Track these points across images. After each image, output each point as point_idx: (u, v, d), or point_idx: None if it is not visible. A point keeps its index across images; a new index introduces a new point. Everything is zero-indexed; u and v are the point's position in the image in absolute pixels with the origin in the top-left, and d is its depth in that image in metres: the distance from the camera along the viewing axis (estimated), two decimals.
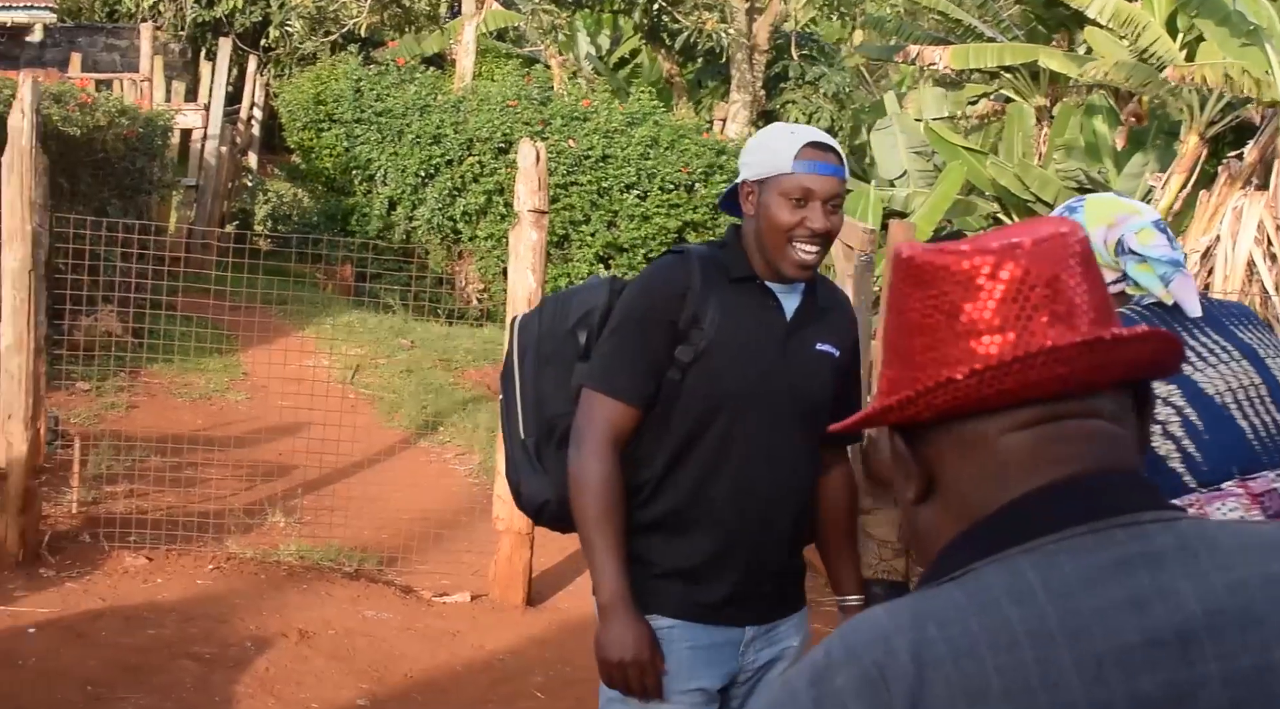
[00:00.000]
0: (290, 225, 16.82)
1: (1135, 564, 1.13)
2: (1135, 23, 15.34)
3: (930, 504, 1.24)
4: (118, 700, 5.21)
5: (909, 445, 1.25)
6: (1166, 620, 1.11)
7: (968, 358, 1.18)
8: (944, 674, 1.08)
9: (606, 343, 2.97)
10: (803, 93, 20.25)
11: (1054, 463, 1.18)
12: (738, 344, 2.92)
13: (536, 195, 6.47)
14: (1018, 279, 1.18)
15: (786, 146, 2.90)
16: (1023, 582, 1.12)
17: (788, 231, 2.87)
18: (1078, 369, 1.16)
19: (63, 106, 10.58)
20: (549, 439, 3.08)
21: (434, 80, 16.79)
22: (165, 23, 21.91)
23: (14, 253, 6.38)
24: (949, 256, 1.20)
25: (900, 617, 1.13)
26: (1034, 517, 1.16)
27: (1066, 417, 1.19)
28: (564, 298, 3.17)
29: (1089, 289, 1.19)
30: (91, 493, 7.40)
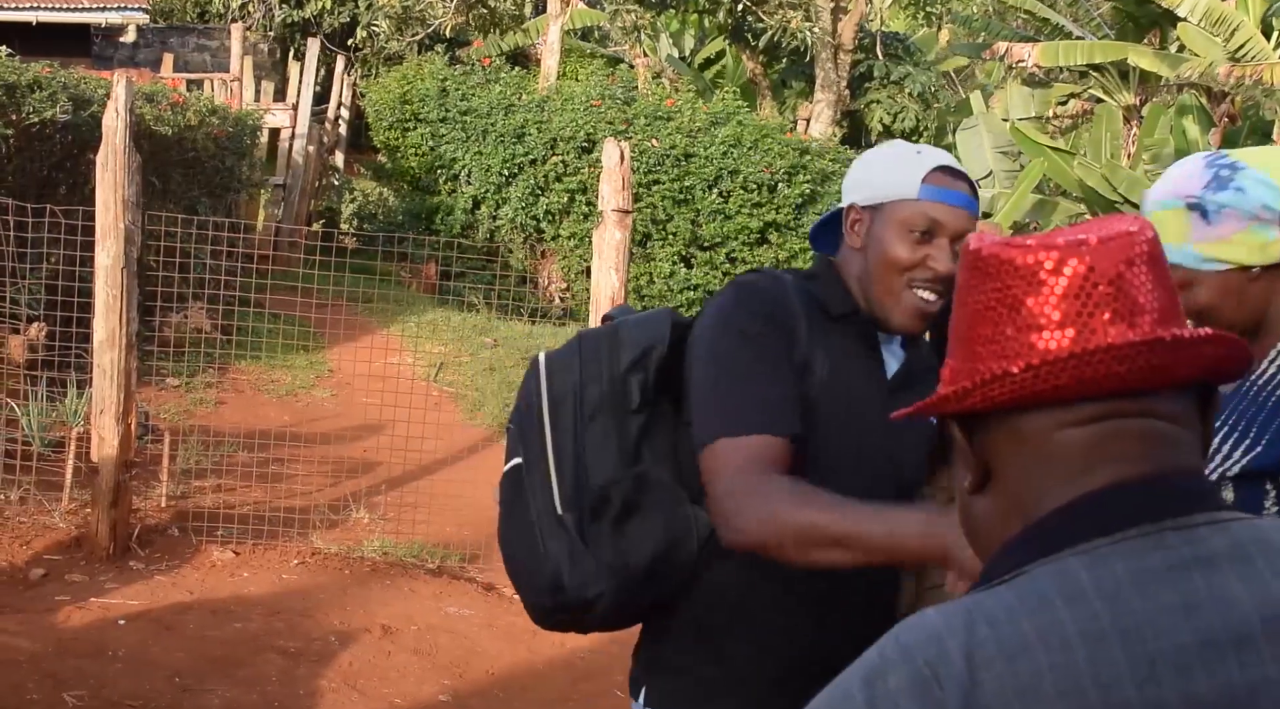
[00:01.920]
0: (376, 224, 16.96)
1: (1188, 567, 1.12)
2: (1228, 22, 15.09)
3: (986, 495, 1.24)
4: (204, 692, 5.27)
5: (967, 435, 1.25)
6: (1220, 623, 1.10)
7: (1026, 352, 1.18)
8: (996, 674, 1.08)
9: (715, 381, 2.29)
10: (888, 92, 20.11)
11: (1109, 462, 1.18)
12: (844, 399, 2.35)
13: (620, 195, 6.48)
14: (1081, 275, 1.17)
15: (913, 168, 2.36)
16: (1075, 583, 1.12)
17: (906, 271, 2.33)
18: (1136, 368, 1.16)
19: (155, 106, 10.74)
20: (600, 515, 2.37)
21: (518, 80, 16.87)
22: (255, 23, 22.18)
23: (107, 250, 6.48)
24: (1014, 250, 1.20)
25: (953, 617, 1.13)
26: (1087, 519, 1.16)
27: (1123, 415, 1.18)
28: (610, 334, 2.48)
29: (1154, 288, 1.18)
30: (180, 487, 7.50)
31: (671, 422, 2.43)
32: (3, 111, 8.90)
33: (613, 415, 2.41)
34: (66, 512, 6.88)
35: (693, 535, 2.35)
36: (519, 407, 2.50)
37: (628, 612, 2.43)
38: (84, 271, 7.52)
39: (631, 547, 2.35)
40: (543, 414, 2.45)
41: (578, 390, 2.43)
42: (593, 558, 2.35)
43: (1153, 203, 2.34)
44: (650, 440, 2.41)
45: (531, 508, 2.41)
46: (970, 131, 19.08)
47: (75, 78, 10.10)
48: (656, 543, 2.35)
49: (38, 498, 6.96)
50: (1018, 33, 19.85)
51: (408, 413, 7.89)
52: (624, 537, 2.35)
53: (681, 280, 14.96)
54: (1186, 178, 2.31)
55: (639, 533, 2.35)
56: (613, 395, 2.42)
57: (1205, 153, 2.38)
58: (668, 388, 2.43)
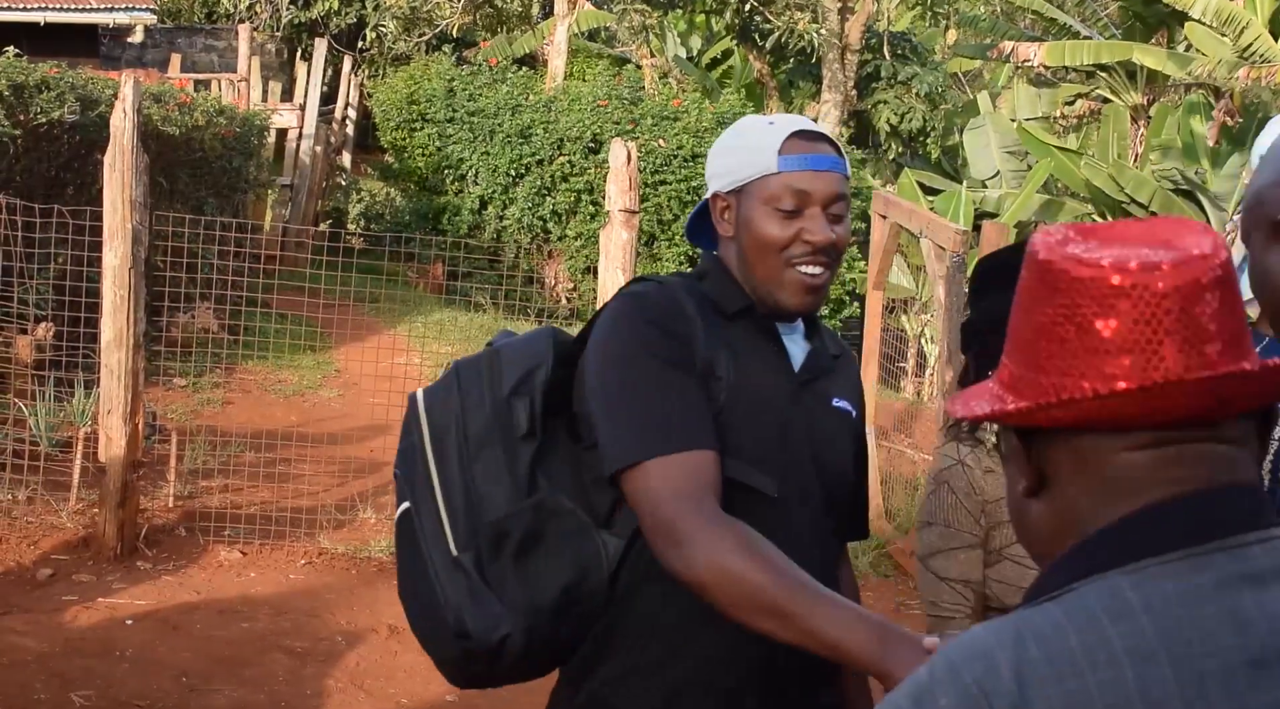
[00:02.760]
0: (383, 224, 16.98)
1: (1237, 585, 1.12)
2: (1236, 21, 15.07)
3: (1040, 501, 1.24)
4: (211, 692, 5.28)
5: (1024, 441, 1.24)
6: (1271, 641, 1.09)
7: (1094, 376, 1.16)
8: (1046, 693, 1.08)
9: (622, 397, 2.12)
10: (895, 93, 20.09)
11: (1166, 483, 1.17)
12: (754, 399, 2.19)
13: (627, 195, 6.48)
14: (1153, 301, 1.15)
15: (767, 141, 2.21)
16: (1122, 600, 1.12)
17: (782, 249, 2.19)
18: (1205, 401, 1.15)
19: (162, 106, 10.75)
20: (499, 551, 2.19)
21: (525, 80, 16.88)
22: (262, 24, 22.21)
23: (115, 250, 6.49)
24: (1086, 268, 1.17)
25: (1002, 634, 1.13)
26: (1136, 538, 1.16)
27: (1187, 442, 1.18)
28: (489, 359, 2.31)
29: (1224, 316, 1.16)
30: (187, 487, 7.51)
31: (566, 446, 2.25)
32: (10, 112, 8.91)
33: (501, 443, 2.23)
34: (74, 511, 6.89)
35: (602, 564, 2.18)
36: (401, 449, 2.32)
37: (541, 654, 2.25)
38: (91, 272, 7.53)
39: (537, 581, 2.17)
40: (426, 451, 2.27)
41: (460, 421, 2.26)
42: (496, 598, 2.18)
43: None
44: (545, 466, 2.23)
45: (424, 553, 2.23)
46: (977, 132, 19.07)
47: (83, 78, 10.11)
48: (564, 575, 2.17)
49: (45, 498, 6.97)
50: (1025, 33, 19.83)
51: None
52: (528, 571, 2.18)
53: None
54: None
55: (544, 566, 2.18)
56: (498, 422, 2.24)
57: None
58: (558, 410, 2.27)
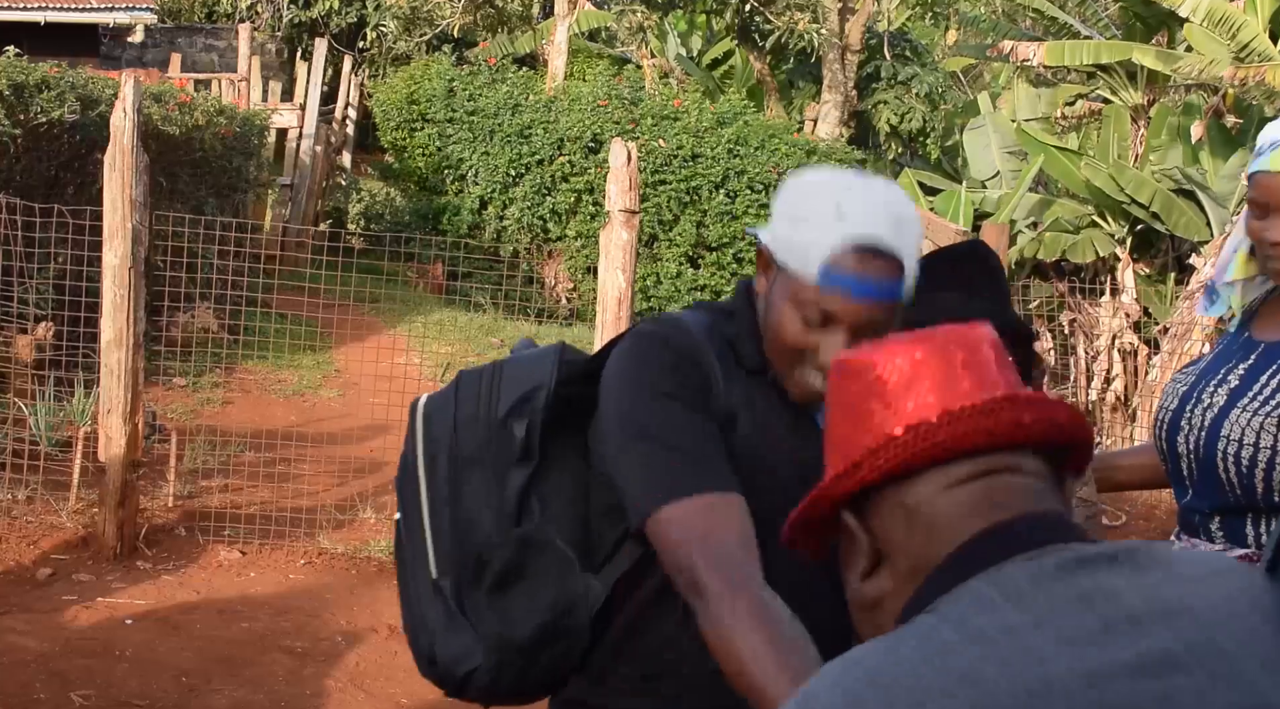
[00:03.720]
0: (383, 224, 16.98)
1: (1072, 567, 1.22)
2: (1232, 21, 15.07)
3: (877, 575, 1.33)
4: (211, 692, 5.28)
5: (860, 522, 1.33)
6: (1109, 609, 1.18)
7: (903, 419, 1.28)
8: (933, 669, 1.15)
9: (637, 457, 1.97)
10: (895, 93, 20.09)
11: (988, 512, 1.27)
12: (771, 456, 2.03)
13: (627, 195, 6.48)
14: (938, 352, 1.30)
15: (823, 242, 1.92)
16: (981, 596, 1.21)
17: (795, 350, 2.00)
18: (1001, 422, 1.27)
19: (163, 106, 10.75)
20: (477, 580, 2.10)
21: (525, 80, 16.89)
22: (262, 23, 22.22)
23: (115, 250, 6.49)
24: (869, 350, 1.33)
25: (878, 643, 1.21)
26: (977, 556, 1.25)
27: (996, 472, 1.28)
28: (490, 374, 2.19)
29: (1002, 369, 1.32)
30: (187, 487, 7.52)
31: (575, 471, 2.11)
32: (11, 111, 8.91)
33: (493, 466, 2.11)
34: (74, 511, 6.89)
35: (583, 608, 2.06)
36: (402, 456, 2.23)
37: (511, 689, 2.14)
38: (91, 271, 7.53)
39: (513, 618, 2.07)
40: (417, 466, 2.17)
41: (453, 438, 2.15)
42: (471, 628, 2.10)
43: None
44: (542, 491, 2.10)
45: (409, 569, 2.18)
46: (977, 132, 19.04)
47: (83, 78, 10.11)
48: (540, 614, 2.06)
49: (45, 497, 6.98)
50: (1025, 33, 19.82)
51: None
52: (505, 606, 2.08)
53: (689, 281, 14.97)
54: None
55: (522, 603, 2.07)
56: (492, 443, 2.12)
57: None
58: (574, 428, 2.12)
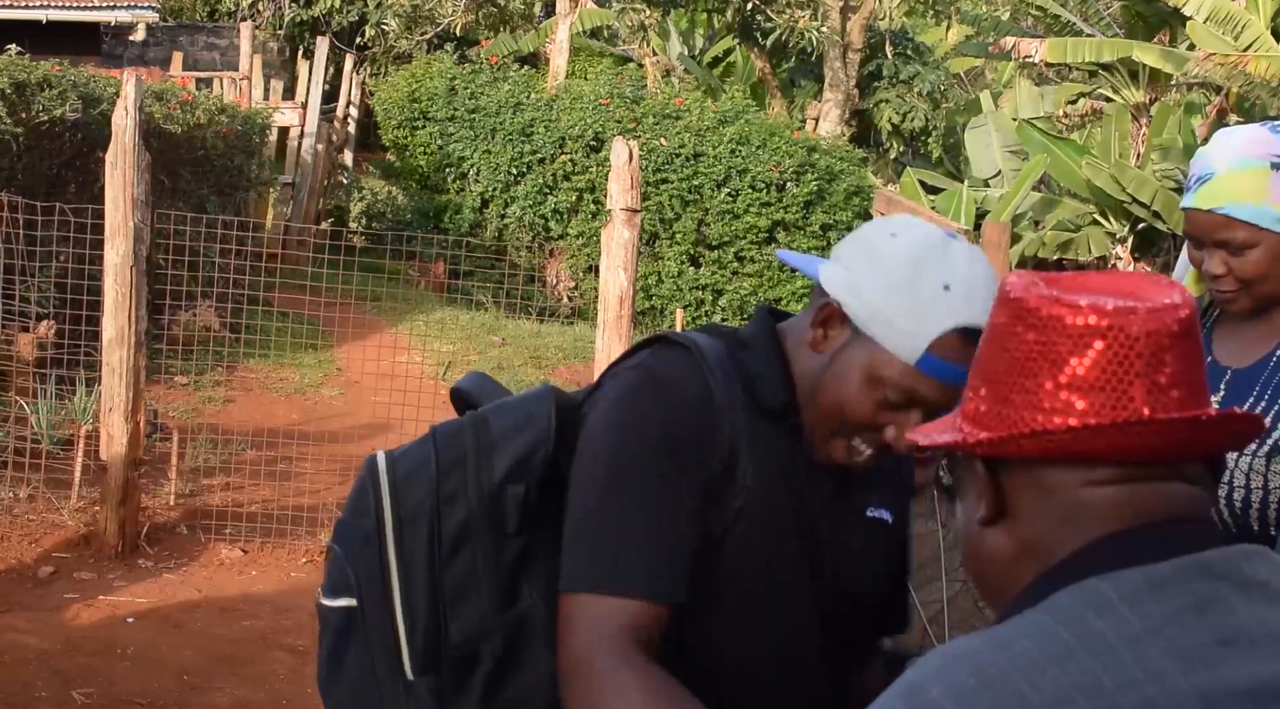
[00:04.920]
0: (384, 222, 16.98)
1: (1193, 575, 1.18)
2: (1235, 20, 15.07)
3: (998, 529, 1.27)
4: (213, 690, 5.28)
5: (988, 468, 1.27)
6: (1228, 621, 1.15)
7: (1064, 411, 1.21)
8: (1050, 677, 1.11)
9: (598, 512, 1.77)
10: (896, 92, 20.10)
11: (1130, 516, 1.22)
12: (777, 509, 1.86)
13: (629, 194, 6.48)
14: (1126, 343, 1.20)
15: (927, 322, 1.77)
16: (1099, 596, 1.16)
17: (853, 425, 1.84)
18: (1171, 442, 1.20)
19: (164, 104, 10.75)
20: (464, 680, 1.81)
21: (527, 78, 16.89)
22: (264, 22, 22.20)
23: (116, 248, 6.49)
24: (1064, 308, 1.22)
25: (989, 636, 1.17)
26: (1103, 558, 1.20)
27: (1149, 479, 1.22)
28: (475, 430, 1.87)
29: (1189, 365, 1.22)
30: (189, 485, 7.52)
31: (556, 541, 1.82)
32: (12, 110, 8.91)
33: (482, 542, 1.81)
34: (75, 509, 6.89)
35: None
36: (345, 522, 1.90)
37: None
38: (93, 270, 7.53)
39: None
40: (386, 542, 1.83)
41: (433, 512, 1.82)
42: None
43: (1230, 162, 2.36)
44: (531, 569, 1.83)
45: (367, 666, 1.84)
46: (979, 130, 19.07)
47: (85, 76, 10.11)
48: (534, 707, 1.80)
49: (47, 496, 6.98)
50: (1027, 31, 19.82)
51: (416, 411, 7.89)
52: (498, 705, 1.81)
53: (690, 280, 14.97)
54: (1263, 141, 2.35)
55: (514, 699, 1.81)
56: (484, 517, 1.81)
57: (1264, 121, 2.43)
58: (554, 498, 1.84)
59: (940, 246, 1.80)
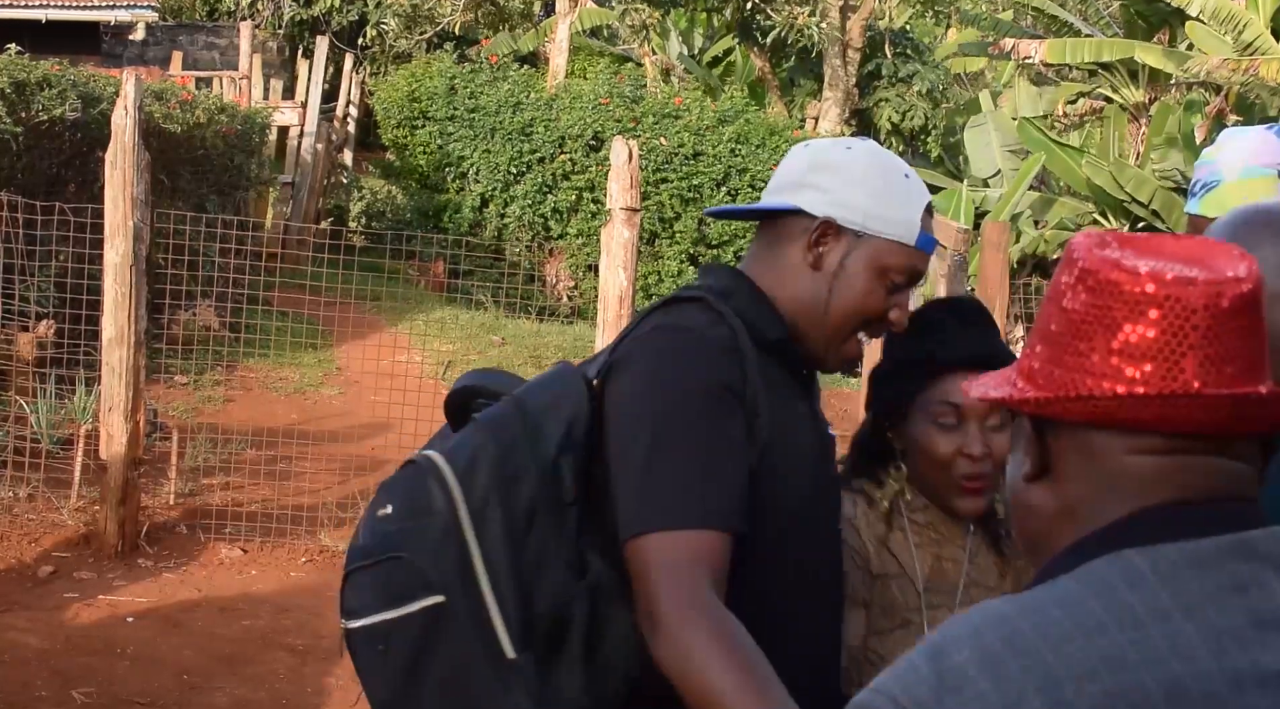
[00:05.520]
0: (384, 222, 16.98)
1: (1233, 555, 1.17)
2: (1236, 20, 15.07)
3: (1041, 486, 1.27)
4: (213, 690, 5.29)
5: (1035, 425, 1.27)
6: (1265, 605, 1.14)
7: (1115, 377, 1.20)
8: (1077, 647, 1.11)
9: (652, 461, 1.86)
10: (896, 91, 20.10)
11: (1173, 488, 1.21)
12: (792, 441, 2.00)
13: (629, 193, 6.48)
14: (1183, 314, 1.18)
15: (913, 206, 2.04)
16: (1133, 569, 1.16)
17: (866, 320, 2.04)
18: (1221, 418, 1.19)
19: (164, 104, 10.75)
20: (560, 646, 1.87)
21: (527, 78, 16.89)
22: (264, 21, 22.21)
23: (116, 248, 6.49)
24: (1122, 273, 1.21)
25: (1021, 602, 1.17)
26: (1140, 531, 1.20)
27: (1195, 452, 1.21)
28: (515, 414, 1.95)
29: (1248, 338, 1.20)
30: (189, 485, 7.52)
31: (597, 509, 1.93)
32: (12, 109, 8.91)
33: (548, 516, 1.89)
34: (75, 509, 6.89)
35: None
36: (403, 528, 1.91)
37: None
38: (93, 269, 7.53)
39: (604, 673, 1.88)
40: (465, 533, 1.87)
41: (499, 493, 1.88)
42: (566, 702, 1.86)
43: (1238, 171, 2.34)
44: (588, 536, 1.92)
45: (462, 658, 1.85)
46: (979, 130, 19.04)
47: (84, 76, 10.11)
48: (629, 660, 1.88)
49: (46, 495, 6.98)
50: (1026, 31, 19.82)
51: (415, 411, 7.89)
52: (595, 664, 1.87)
53: (690, 279, 14.96)
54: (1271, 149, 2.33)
55: (610, 653, 1.88)
56: (545, 491, 1.89)
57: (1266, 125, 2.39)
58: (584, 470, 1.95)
59: (881, 148, 2.09)
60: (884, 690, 1.16)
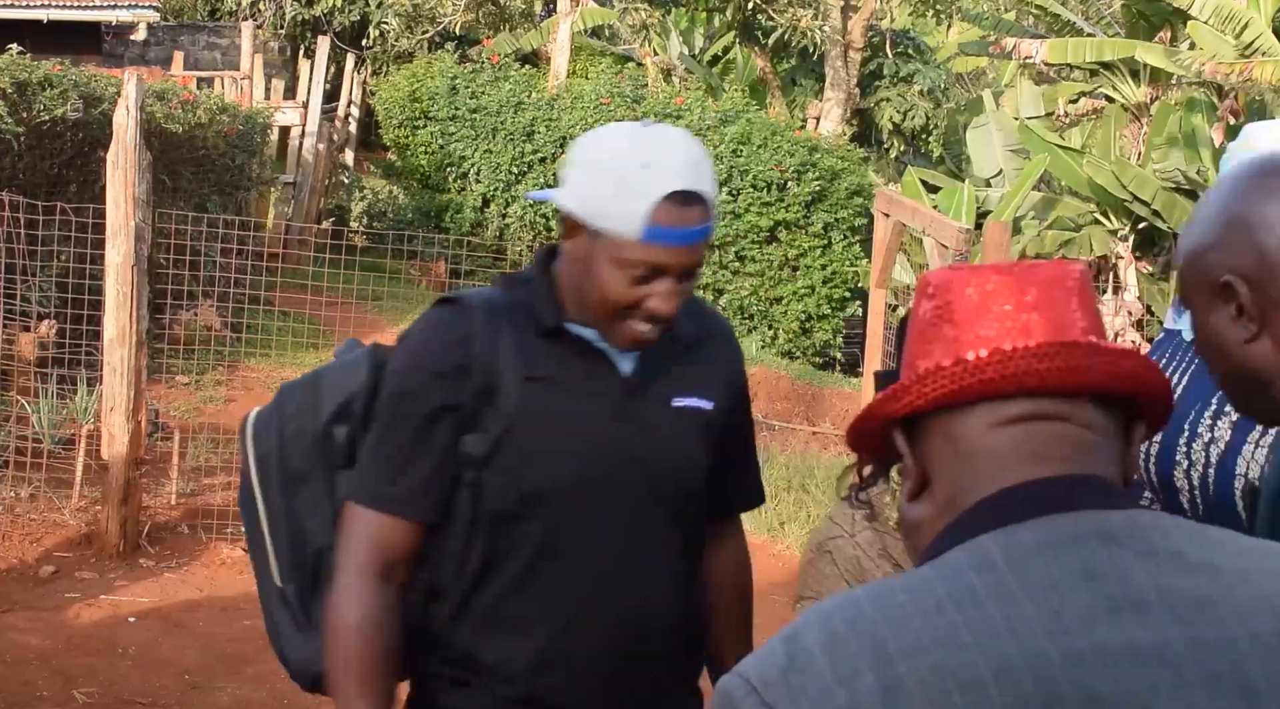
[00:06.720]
0: (385, 222, 16.97)
1: (1088, 540, 1.20)
2: (1238, 19, 15.06)
3: (922, 500, 1.31)
4: (214, 689, 5.29)
5: (909, 445, 1.32)
6: (1119, 590, 1.17)
7: (958, 350, 1.27)
8: (914, 628, 1.15)
9: (370, 439, 2.21)
10: (897, 91, 20.10)
11: (1030, 461, 1.25)
12: (552, 422, 2.16)
13: None
14: (1013, 286, 1.27)
15: (639, 199, 2.05)
16: (985, 554, 1.20)
17: (622, 307, 2.11)
18: (1054, 367, 1.24)
19: (165, 104, 10.75)
20: (318, 584, 2.26)
21: (528, 78, 16.89)
22: (265, 21, 22.20)
23: (117, 248, 6.49)
24: (955, 271, 1.31)
25: (873, 588, 1.23)
26: (999, 511, 1.23)
27: (1046, 417, 1.26)
28: (310, 383, 2.33)
29: (1081, 310, 1.28)
30: (190, 485, 7.52)
31: None
32: (14, 109, 8.91)
33: (321, 474, 2.26)
34: (76, 509, 6.89)
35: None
36: (240, 472, 2.38)
37: None
38: (94, 269, 7.53)
39: None
40: (251, 479, 2.32)
41: (279, 451, 2.29)
42: (316, 632, 2.22)
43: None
44: None
45: (260, 577, 2.34)
46: (981, 130, 19.04)
47: (86, 75, 10.11)
48: None
49: (48, 495, 6.98)
50: (1028, 30, 19.81)
51: None
52: None
53: None
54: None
55: None
56: (318, 452, 2.26)
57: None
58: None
59: (631, 134, 2.11)
60: (741, 672, 1.20)
